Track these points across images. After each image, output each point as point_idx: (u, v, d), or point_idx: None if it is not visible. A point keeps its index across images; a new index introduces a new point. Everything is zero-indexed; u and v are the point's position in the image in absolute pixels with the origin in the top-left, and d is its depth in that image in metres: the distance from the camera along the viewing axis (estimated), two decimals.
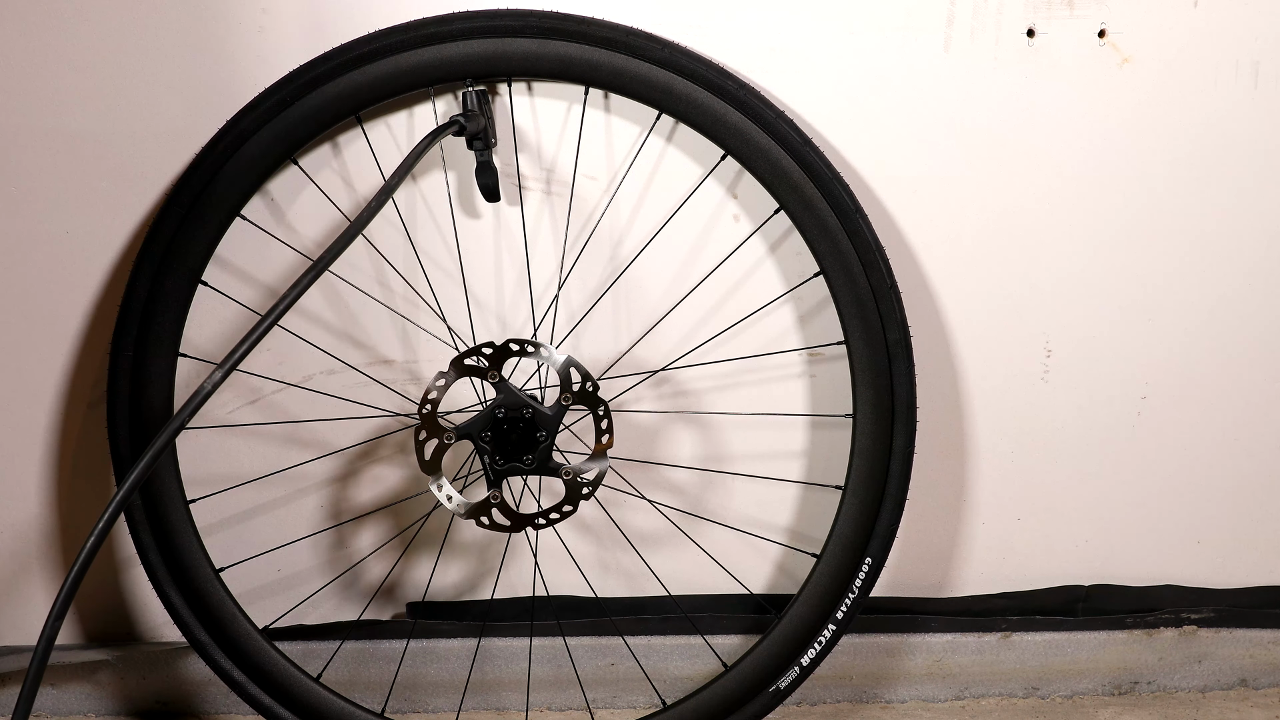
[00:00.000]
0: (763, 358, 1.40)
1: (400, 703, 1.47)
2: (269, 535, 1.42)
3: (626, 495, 1.43)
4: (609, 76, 1.25)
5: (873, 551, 1.31)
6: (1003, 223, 1.39)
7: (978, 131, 1.36)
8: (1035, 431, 1.46)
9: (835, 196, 1.27)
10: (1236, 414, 1.48)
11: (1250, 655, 1.53)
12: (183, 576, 1.30)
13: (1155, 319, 1.44)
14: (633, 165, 1.34)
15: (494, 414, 1.24)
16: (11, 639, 1.43)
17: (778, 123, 1.26)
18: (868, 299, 1.28)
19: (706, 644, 1.44)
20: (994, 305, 1.42)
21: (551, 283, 1.37)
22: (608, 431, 1.25)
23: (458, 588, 1.46)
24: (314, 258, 1.35)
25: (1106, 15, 1.33)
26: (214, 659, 1.31)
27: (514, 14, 1.24)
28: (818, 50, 1.32)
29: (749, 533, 1.45)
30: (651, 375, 1.40)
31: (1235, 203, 1.40)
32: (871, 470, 1.30)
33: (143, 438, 1.28)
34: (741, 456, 1.43)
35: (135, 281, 1.26)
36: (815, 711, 1.50)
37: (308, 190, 1.33)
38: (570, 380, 1.23)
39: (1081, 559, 1.51)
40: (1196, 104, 1.36)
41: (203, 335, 1.36)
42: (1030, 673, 1.51)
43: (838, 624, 1.31)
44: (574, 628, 1.46)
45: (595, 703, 1.48)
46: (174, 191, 1.25)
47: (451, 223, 1.35)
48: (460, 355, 1.23)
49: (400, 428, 1.39)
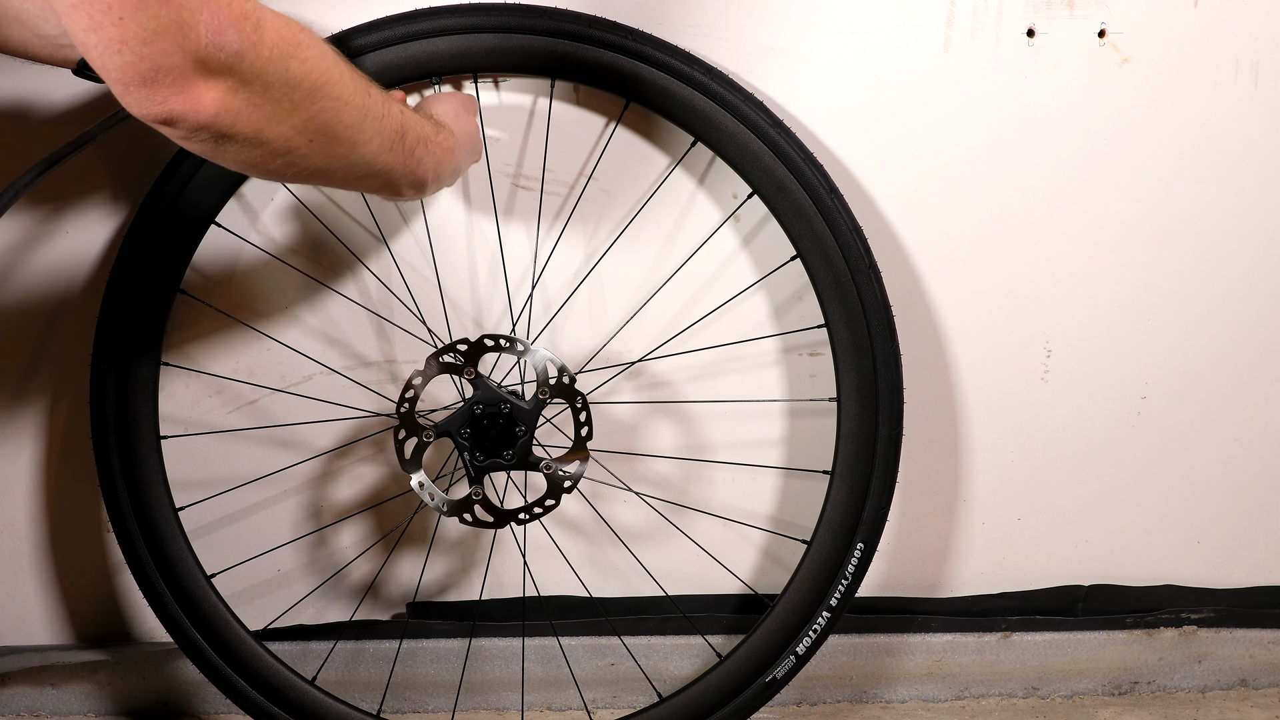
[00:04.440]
0: (742, 345, 1.40)
1: (399, 703, 1.47)
2: (259, 537, 1.42)
3: (610, 490, 1.43)
4: (575, 67, 1.25)
5: (863, 536, 1.30)
6: (1002, 223, 1.39)
7: (977, 131, 1.35)
8: (1035, 431, 1.46)
9: (807, 178, 1.26)
10: (1236, 414, 1.47)
11: (1250, 655, 1.53)
12: (175, 584, 1.30)
13: (1155, 319, 1.43)
14: (603, 155, 1.34)
15: (472, 410, 1.24)
16: (12, 639, 1.43)
17: (745, 106, 1.25)
18: (846, 280, 1.27)
19: (705, 641, 1.44)
20: (994, 305, 1.41)
21: (526, 277, 1.37)
22: (587, 424, 1.25)
23: (459, 587, 1.46)
24: (290, 263, 1.35)
25: (1106, 15, 1.32)
26: (211, 665, 1.31)
27: (478, 9, 1.23)
28: (817, 50, 1.32)
29: (740, 522, 1.44)
30: (630, 366, 1.40)
31: (1235, 203, 1.40)
32: (859, 454, 1.30)
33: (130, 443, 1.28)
34: (723, 446, 1.43)
35: (114, 287, 1.26)
36: (815, 711, 1.50)
37: (280, 194, 1.34)
38: (547, 374, 1.23)
39: (1081, 559, 1.51)
40: (1196, 104, 1.36)
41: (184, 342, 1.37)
42: (1030, 673, 1.51)
43: (832, 611, 1.31)
44: (571, 628, 1.46)
45: (594, 703, 1.49)
46: (150, 198, 1.25)
47: (424, 220, 1.35)
48: (436, 352, 1.23)
49: (381, 428, 1.39)
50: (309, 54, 0.87)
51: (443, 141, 1.09)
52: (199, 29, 0.77)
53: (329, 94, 0.89)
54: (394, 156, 1.01)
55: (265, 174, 0.91)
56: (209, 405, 1.39)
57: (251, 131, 0.84)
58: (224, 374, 1.38)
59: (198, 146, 0.84)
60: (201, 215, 1.26)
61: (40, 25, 1.08)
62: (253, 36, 0.80)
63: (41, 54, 1.11)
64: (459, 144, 1.13)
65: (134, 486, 1.28)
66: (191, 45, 0.77)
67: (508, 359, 1.35)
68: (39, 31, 1.09)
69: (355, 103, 0.92)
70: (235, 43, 0.79)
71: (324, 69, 0.88)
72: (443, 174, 1.11)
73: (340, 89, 0.90)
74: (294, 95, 0.86)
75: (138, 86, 0.77)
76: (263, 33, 0.81)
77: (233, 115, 0.82)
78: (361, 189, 1.05)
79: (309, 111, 0.88)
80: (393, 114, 0.99)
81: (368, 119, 0.95)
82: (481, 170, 1.33)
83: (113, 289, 1.26)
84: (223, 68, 0.79)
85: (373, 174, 1.00)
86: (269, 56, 0.82)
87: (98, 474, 1.29)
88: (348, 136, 0.93)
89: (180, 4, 0.76)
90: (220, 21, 0.78)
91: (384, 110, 0.98)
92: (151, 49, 0.75)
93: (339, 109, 0.90)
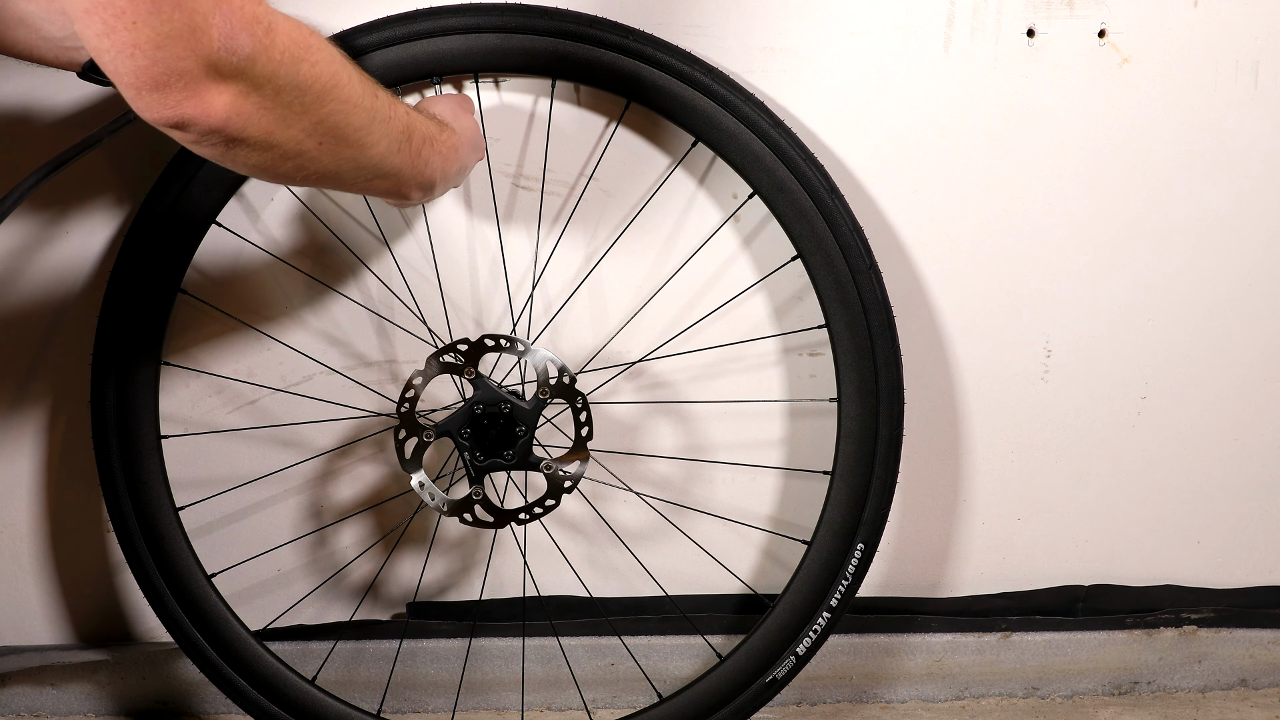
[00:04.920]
0: (742, 345, 1.40)
1: (399, 703, 1.47)
2: (260, 537, 1.42)
3: (611, 490, 1.43)
4: (575, 67, 1.25)
5: (864, 537, 1.30)
6: (1002, 223, 1.39)
7: (977, 131, 1.36)
8: (1035, 431, 1.46)
9: (808, 178, 1.26)
10: (1236, 414, 1.47)
11: (1250, 655, 1.53)
12: (175, 584, 1.30)
13: (1155, 319, 1.43)
14: (604, 156, 1.34)
15: (472, 410, 1.24)
16: (12, 639, 1.43)
17: (746, 106, 1.25)
18: (847, 281, 1.27)
19: (705, 641, 1.44)
20: (994, 305, 1.41)
21: (526, 277, 1.37)
22: (587, 424, 1.25)
23: (459, 587, 1.46)
24: (291, 263, 1.35)
25: (1106, 15, 1.33)
26: (211, 664, 1.31)
27: (480, 9, 1.23)
28: (817, 50, 1.32)
29: (740, 522, 1.44)
30: (630, 366, 1.40)
31: (1235, 203, 1.40)
32: (859, 454, 1.30)
33: (130, 443, 1.28)
34: (723, 446, 1.43)
35: (115, 286, 1.26)
36: (815, 711, 1.50)
37: (280, 194, 1.33)
38: (548, 374, 1.23)
39: (1081, 559, 1.51)
40: (1196, 104, 1.36)
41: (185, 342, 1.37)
42: (1030, 673, 1.51)
43: (832, 611, 1.31)
44: (571, 628, 1.46)
45: (595, 703, 1.49)
46: (151, 198, 1.25)
47: (424, 220, 1.35)
48: (436, 352, 1.23)
49: (381, 428, 1.39)
50: (319, 57, 0.87)
51: (447, 140, 1.09)
52: (211, 33, 0.77)
53: (338, 96, 0.89)
54: (402, 158, 1.01)
55: (275, 177, 0.92)
56: (210, 405, 1.39)
57: (262, 135, 0.84)
58: (225, 373, 1.38)
59: (209, 151, 0.84)
60: (203, 215, 1.26)
61: (46, 28, 1.08)
62: (264, 40, 0.81)
63: (47, 57, 1.11)
64: (462, 142, 1.14)
65: (134, 486, 1.28)
66: (204, 50, 0.77)
67: (508, 359, 1.36)
68: (44, 34, 1.09)
69: (364, 105, 0.93)
70: (247, 47, 0.79)
71: (333, 72, 0.89)
72: (449, 173, 1.11)
73: (349, 91, 0.91)
74: (304, 98, 0.86)
75: (150, 91, 0.77)
76: (274, 36, 0.82)
77: (244, 119, 0.82)
78: (370, 191, 1.05)
79: (319, 114, 0.88)
80: (399, 115, 1.00)
81: (376, 121, 0.95)
82: (482, 170, 1.33)
83: (114, 288, 1.26)
84: (234, 72, 0.79)
85: (381, 176, 1.00)
86: (280, 60, 0.82)
87: (98, 473, 1.29)
88: (356, 139, 0.93)
89: (193, 8, 0.76)
90: (233, 26, 0.78)
91: (391, 112, 0.98)
92: (164, 53, 0.75)
93: (348, 111, 0.91)
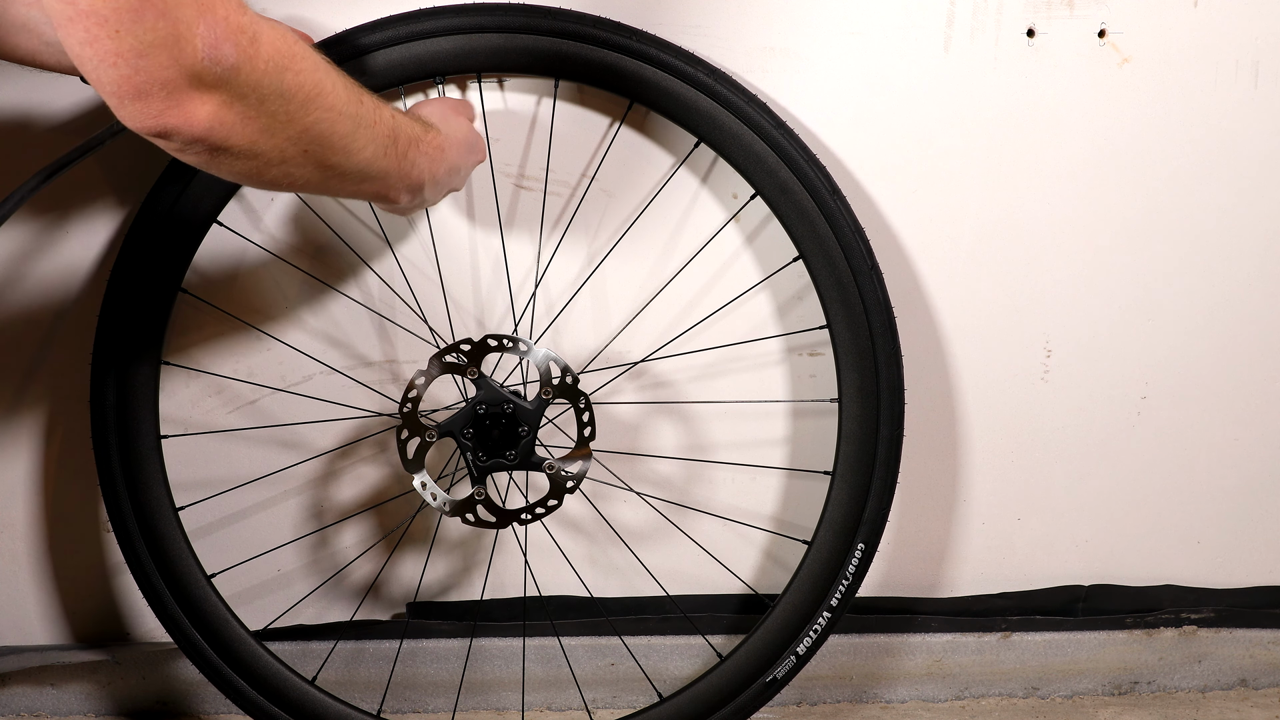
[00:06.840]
0: (744, 346, 1.40)
1: (399, 703, 1.47)
2: (259, 537, 1.41)
3: (612, 490, 1.43)
4: (578, 68, 1.25)
5: (864, 537, 1.30)
6: (1003, 223, 1.39)
7: (977, 131, 1.36)
8: (1035, 431, 1.46)
9: (810, 179, 1.26)
10: (1236, 414, 1.48)
11: (1250, 655, 1.54)
12: (175, 584, 1.29)
13: (1155, 319, 1.44)
14: (606, 156, 1.34)
15: (475, 410, 1.24)
16: (12, 639, 1.43)
17: (749, 107, 1.25)
18: (848, 282, 1.28)
19: (705, 641, 1.44)
20: (994, 305, 1.42)
21: (529, 277, 1.37)
22: (589, 424, 1.25)
23: (459, 587, 1.46)
24: (292, 262, 1.35)
25: (1106, 15, 1.33)
26: (210, 665, 1.31)
27: (483, 8, 1.23)
28: (817, 50, 1.32)
29: (741, 522, 1.44)
30: (632, 366, 1.40)
31: (1235, 203, 1.40)
32: (859, 455, 1.30)
33: (130, 443, 1.28)
34: (724, 446, 1.43)
35: (116, 286, 1.26)
36: (815, 711, 1.50)
37: (281, 194, 1.33)
38: (550, 375, 1.23)
39: (1081, 559, 1.51)
40: (1196, 104, 1.36)
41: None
42: (1030, 673, 1.52)
43: (832, 611, 1.31)
44: (572, 627, 1.46)
45: (595, 703, 1.48)
46: (151, 198, 1.24)
47: (427, 220, 1.35)
48: (439, 352, 1.23)
49: (383, 428, 1.39)
50: (303, 65, 0.87)
51: (432, 140, 1.09)
52: (195, 43, 0.77)
53: (323, 105, 0.89)
54: (388, 161, 1.01)
55: (262, 184, 0.92)
56: (209, 405, 1.39)
57: (246, 144, 0.84)
58: (225, 373, 1.38)
59: (193, 158, 0.84)
60: (203, 215, 1.26)
61: (48, 33, 1.08)
62: (249, 50, 0.80)
63: (49, 62, 1.11)
64: (448, 142, 1.13)
65: (134, 486, 1.28)
66: (187, 59, 0.76)
67: (510, 359, 1.35)
68: (47, 39, 1.08)
69: (348, 112, 0.93)
70: (231, 57, 0.79)
71: (317, 80, 0.88)
72: (437, 174, 1.11)
73: (334, 99, 0.90)
74: (288, 107, 0.86)
75: (132, 100, 0.77)
76: (259, 46, 0.81)
77: (227, 129, 0.81)
78: (357, 195, 1.05)
79: (304, 123, 0.88)
80: (384, 119, 1.00)
81: (361, 127, 0.95)
82: (484, 171, 1.33)
83: (114, 288, 1.25)
84: (218, 81, 0.79)
85: (367, 179, 1.00)
86: (264, 70, 0.82)
87: (98, 474, 1.28)
88: (342, 145, 0.93)
89: (176, 18, 0.75)
90: (217, 35, 0.78)
91: (375, 116, 0.98)
92: (147, 62, 0.75)
93: (333, 119, 0.91)
